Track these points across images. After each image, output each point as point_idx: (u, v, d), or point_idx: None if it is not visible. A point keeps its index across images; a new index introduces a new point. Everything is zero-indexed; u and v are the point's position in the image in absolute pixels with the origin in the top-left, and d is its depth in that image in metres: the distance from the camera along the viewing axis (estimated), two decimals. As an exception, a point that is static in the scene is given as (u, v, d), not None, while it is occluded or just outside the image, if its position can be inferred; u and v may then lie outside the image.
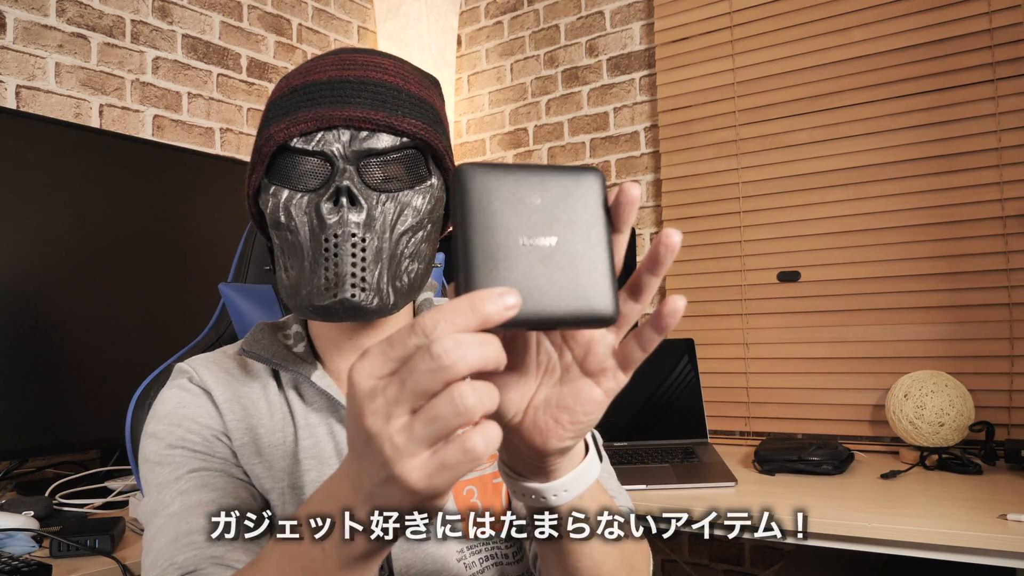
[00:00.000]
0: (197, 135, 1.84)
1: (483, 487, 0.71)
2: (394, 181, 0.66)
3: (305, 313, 0.65)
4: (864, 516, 1.12)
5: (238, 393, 0.71)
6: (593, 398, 0.43)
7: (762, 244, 1.85)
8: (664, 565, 2.00)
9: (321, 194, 0.64)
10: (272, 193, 0.66)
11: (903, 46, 1.67)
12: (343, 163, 0.64)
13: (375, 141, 0.64)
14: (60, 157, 1.35)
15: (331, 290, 0.62)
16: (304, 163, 0.65)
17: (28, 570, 0.92)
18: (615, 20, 2.13)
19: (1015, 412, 1.54)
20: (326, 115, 0.64)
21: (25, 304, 1.30)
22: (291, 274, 0.66)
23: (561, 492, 0.46)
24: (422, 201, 0.67)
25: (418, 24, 2.29)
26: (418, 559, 0.67)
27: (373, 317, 0.65)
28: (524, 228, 0.38)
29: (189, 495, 0.63)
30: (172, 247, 1.54)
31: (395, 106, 0.65)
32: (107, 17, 1.66)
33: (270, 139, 0.65)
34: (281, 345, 0.72)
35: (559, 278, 0.38)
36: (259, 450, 0.70)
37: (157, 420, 0.69)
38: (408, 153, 0.67)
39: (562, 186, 0.39)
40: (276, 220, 0.66)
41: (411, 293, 0.68)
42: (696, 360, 1.73)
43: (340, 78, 0.65)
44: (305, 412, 0.71)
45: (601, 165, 2.15)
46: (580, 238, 0.39)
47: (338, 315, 0.64)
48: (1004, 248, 1.56)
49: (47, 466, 1.47)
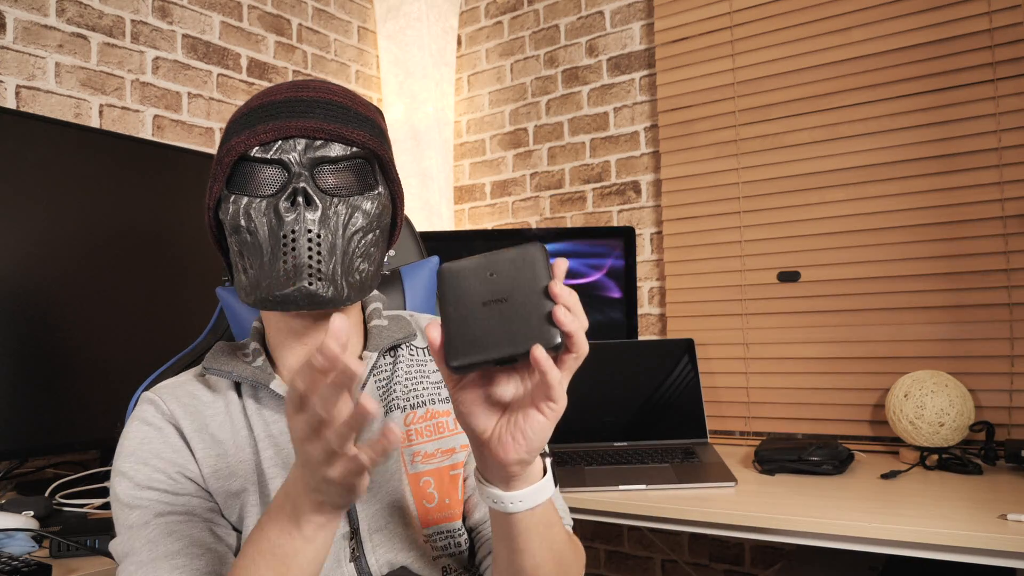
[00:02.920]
0: (197, 135, 1.84)
1: (440, 478, 0.78)
2: (345, 187, 0.73)
3: (265, 305, 0.70)
4: (864, 516, 1.12)
5: (204, 420, 0.76)
6: (539, 422, 0.55)
7: (762, 244, 1.85)
8: (664, 565, 2.00)
9: (279, 197, 0.70)
10: (232, 201, 0.72)
11: (903, 46, 1.67)
12: (299, 168, 0.70)
13: (328, 150, 0.71)
14: (60, 157, 1.35)
15: (290, 280, 0.68)
16: (263, 171, 0.71)
17: (28, 570, 0.92)
18: (615, 20, 2.14)
19: (1015, 412, 1.54)
20: (283, 126, 0.70)
21: (25, 304, 1.30)
22: (251, 272, 0.71)
23: (517, 502, 0.60)
24: (371, 206, 0.73)
25: (418, 24, 2.29)
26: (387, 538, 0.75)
27: (328, 306, 0.70)
28: (484, 295, 0.53)
29: (156, 545, 0.67)
30: (172, 247, 1.54)
31: (345, 120, 0.72)
32: (107, 17, 1.66)
33: (231, 150, 0.71)
34: (240, 361, 0.78)
35: (510, 326, 0.52)
36: (231, 470, 0.74)
37: (124, 457, 0.72)
38: (357, 162, 0.74)
39: (510, 260, 0.54)
40: (236, 225, 0.71)
41: (362, 290, 0.74)
42: (696, 360, 1.73)
43: (296, 97, 0.72)
44: (266, 424, 0.76)
45: (601, 165, 2.15)
46: (524, 294, 0.53)
47: (296, 304, 0.69)
48: (1004, 248, 1.56)
49: (47, 466, 1.47)
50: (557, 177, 2.24)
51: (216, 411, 0.76)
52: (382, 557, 0.74)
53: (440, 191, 2.30)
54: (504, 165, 2.36)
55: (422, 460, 0.78)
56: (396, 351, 0.82)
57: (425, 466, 0.78)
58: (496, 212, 2.38)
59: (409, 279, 1.07)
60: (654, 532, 1.99)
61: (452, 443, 0.80)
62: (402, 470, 0.77)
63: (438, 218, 2.28)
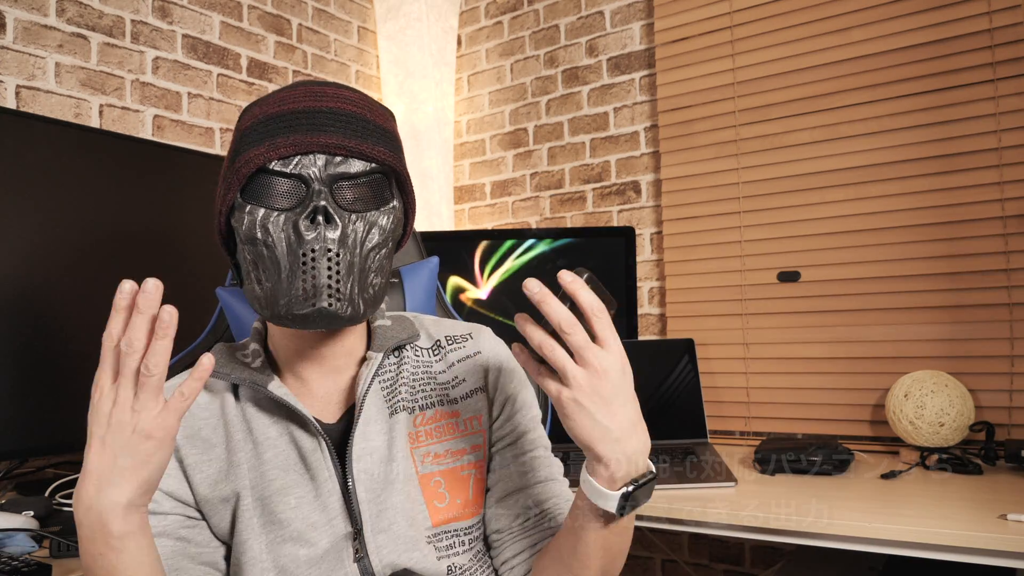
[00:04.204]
0: (197, 135, 1.84)
1: (451, 478, 0.79)
2: (363, 202, 0.73)
3: (283, 322, 0.70)
4: (864, 516, 1.12)
5: (197, 425, 0.76)
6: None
7: (762, 244, 1.85)
8: (664, 565, 2.00)
9: (299, 213, 0.70)
10: (248, 212, 0.71)
11: (903, 46, 1.67)
12: (319, 185, 0.70)
13: (347, 166, 0.71)
14: (60, 157, 1.35)
15: (309, 300, 0.68)
16: (281, 184, 0.71)
17: (28, 570, 0.92)
18: (615, 20, 2.14)
19: (1015, 412, 1.54)
20: (303, 141, 0.70)
21: (25, 304, 1.30)
22: (266, 286, 0.71)
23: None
24: (387, 221, 0.74)
25: (418, 24, 2.29)
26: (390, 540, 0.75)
27: (345, 325, 0.71)
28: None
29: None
30: (172, 247, 1.54)
31: (365, 135, 0.72)
32: (107, 17, 1.66)
33: (249, 161, 0.71)
34: (239, 363, 0.78)
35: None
36: (223, 474, 0.74)
37: None
38: (375, 177, 0.74)
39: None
40: (252, 236, 0.71)
41: (375, 303, 0.75)
42: (696, 360, 1.73)
43: (314, 108, 0.72)
44: (264, 425, 0.76)
45: (601, 165, 2.15)
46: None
47: (315, 323, 0.69)
48: (1004, 248, 1.56)
49: (47, 466, 1.47)
50: (557, 177, 2.24)
51: (211, 414, 0.77)
52: (386, 558, 0.74)
53: (440, 191, 2.30)
54: (504, 165, 2.36)
55: (432, 460, 0.78)
56: (401, 352, 0.82)
57: (436, 467, 0.78)
58: (496, 212, 2.38)
59: (409, 279, 1.07)
60: (654, 532, 1.99)
61: (462, 444, 0.80)
62: (412, 470, 0.77)
63: (438, 218, 2.28)
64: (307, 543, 0.72)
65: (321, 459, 0.74)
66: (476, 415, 0.82)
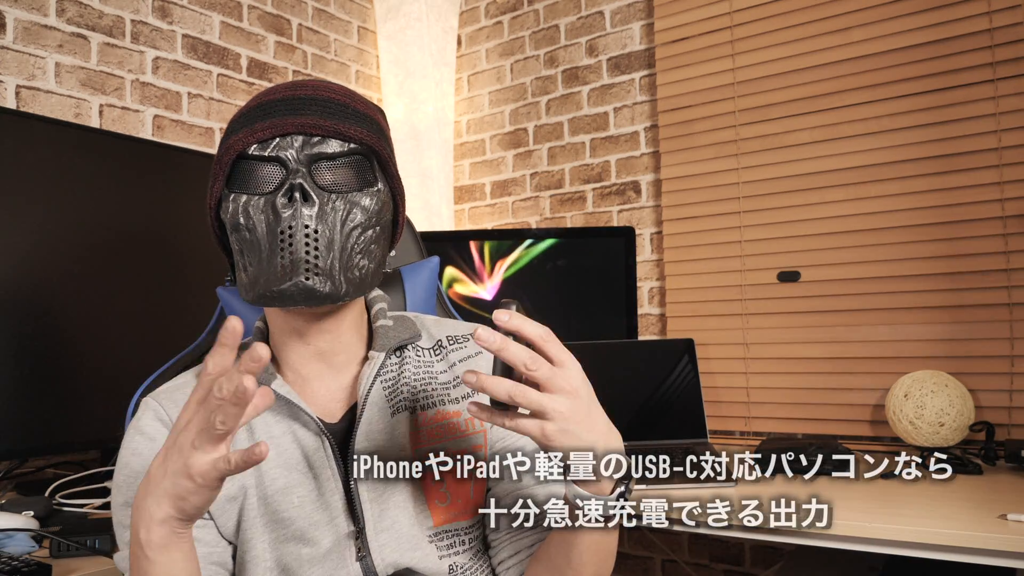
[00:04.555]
0: (197, 135, 1.84)
1: (452, 479, 0.77)
2: (344, 183, 0.72)
3: (263, 300, 0.70)
4: (864, 516, 1.12)
5: None
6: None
7: (762, 244, 1.85)
8: (664, 565, 2.00)
9: (276, 193, 0.70)
10: (232, 200, 0.72)
11: (903, 46, 1.67)
12: (296, 164, 0.70)
13: (325, 146, 0.71)
14: (60, 157, 1.35)
15: (287, 275, 0.68)
16: (261, 168, 0.71)
17: (28, 570, 0.92)
18: (615, 20, 2.14)
19: (1015, 412, 1.54)
20: (280, 123, 0.70)
21: (25, 304, 1.30)
22: (250, 270, 0.71)
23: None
24: (370, 202, 0.73)
25: (418, 24, 2.29)
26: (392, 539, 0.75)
27: (326, 302, 0.70)
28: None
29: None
30: (172, 247, 1.54)
31: (343, 117, 0.72)
32: (107, 17, 1.66)
33: (229, 149, 0.72)
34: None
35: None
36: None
37: (119, 469, 0.74)
38: (355, 158, 0.73)
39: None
40: (236, 223, 0.71)
41: (362, 287, 0.74)
42: (696, 360, 1.73)
43: (293, 96, 0.73)
44: (267, 424, 0.75)
45: (601, 165, 2.15)
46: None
47: (293, 299, 0.69)
48: (1004, 248, 1.56)
49: (47, 466, 1.47)
50: (557, 177, 2.24)
51: None
52: (388, 557, 0.74)
53: (440, 191, 2.30)
54: (504, 165, 2.36)
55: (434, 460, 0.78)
56: (402, 352, 0.82)
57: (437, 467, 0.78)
58: (496, 212, 2.38)
59: (409, 279, 1.07)
60: (654, 532, 1.99)
61: (464, 444, 0.80)
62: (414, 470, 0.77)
63: (438, 218, 2.28)
64: (309, 542, 0.73)
65: (324, 458, 0.75)
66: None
